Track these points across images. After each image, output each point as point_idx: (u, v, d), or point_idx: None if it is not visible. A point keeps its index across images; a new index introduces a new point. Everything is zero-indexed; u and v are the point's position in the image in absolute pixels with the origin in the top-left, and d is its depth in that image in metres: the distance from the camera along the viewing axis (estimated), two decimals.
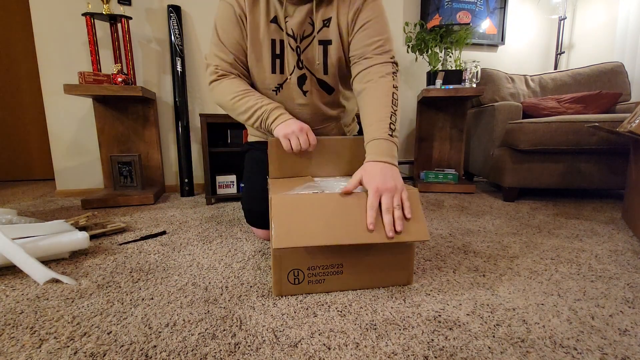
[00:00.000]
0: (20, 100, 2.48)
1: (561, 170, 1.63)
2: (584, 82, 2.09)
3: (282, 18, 0.88)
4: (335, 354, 0.54)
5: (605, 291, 0.75)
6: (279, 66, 0.92)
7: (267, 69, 0.91)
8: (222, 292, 0.75)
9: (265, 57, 0.91)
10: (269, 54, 0.90)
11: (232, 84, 0.91)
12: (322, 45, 0.90)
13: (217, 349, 0.55)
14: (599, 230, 1.20)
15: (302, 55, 0.91)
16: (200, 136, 1.87)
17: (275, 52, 0.90)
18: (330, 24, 0.89)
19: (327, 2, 0.88)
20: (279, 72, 0.92)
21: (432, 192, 1.96)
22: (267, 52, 0.90)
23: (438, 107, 2.15)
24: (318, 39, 0.90)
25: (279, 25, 0.89)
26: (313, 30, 0.90)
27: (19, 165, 2.55)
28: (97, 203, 1.61)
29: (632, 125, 1.13)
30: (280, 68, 0.92)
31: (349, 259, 0.73)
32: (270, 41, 0.89)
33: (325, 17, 0.89)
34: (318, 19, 0.89)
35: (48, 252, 0.90)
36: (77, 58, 1.84)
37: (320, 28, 0.89)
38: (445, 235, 1.15)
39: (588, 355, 0.54)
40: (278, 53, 0.90)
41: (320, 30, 0.89)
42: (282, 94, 0.95)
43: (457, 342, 0.57)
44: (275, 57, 0.91)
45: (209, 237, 1.15)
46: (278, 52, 0.90)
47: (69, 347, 0.56)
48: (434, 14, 2.31)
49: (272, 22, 0.89)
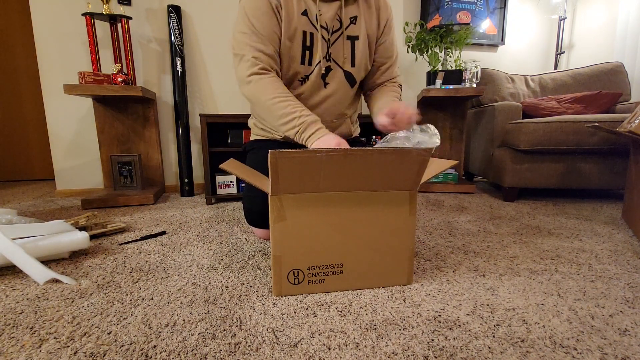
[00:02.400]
0: (20, 100, 2.48)
1: (561, 170, 1.63)
2: (584, 82, 2.09)
3: (315, 11, 0.93)
4: (335, 354, 0.54)
5: (605, 291, 0.75)
6: (308, 57, 0.96)
7: (297, 59, 0.95)
8: (222, 292, 0.75)
9: (296, 47, 0.94)
10: (300, 45, 0.94)
11: (274, 83, 0.88)
12: (350, 40, 0.98)
13: (217, 349, 0.55)
14: (599, 230, 1.20)
15: (331, 48, 0.97)
16: (200, 136, 1.87)
17: (306, 43, 0.94)
18: (357, 22, 0.98)
19: (352, 4, 0.98)
20: (307, 64, 0.96)
21: (432, 192, 1.96)
22: (299, 43, 0.94)
23: (438, 107, 2.15)
24: (346, 35, 0.98)
25: (309, 18, 0.93)
26: (341, 26, 0.97)
27: (19, 165, 2.55)
28: (97, 203, 1.61)
29: (632, 125, 1.13)
30: (310, 60, 0.96)
31: (349, 259, 0.73)
32: (302, 32, 0.93)
33: (352, 15, 0.98)
34: (344, 16, 0.97)
35: (48, 252, 0.90)
36: (77, 58, 1.84)
37: (348, 25, 0.97)
38: (445, 235, 1.15)
39: (588, 355, 0.54)
40: (308, 45, 0.95)
41: (348, 26, 0.98)
42: (307, 85, 0.99)
43: (457, 342, 0.57)
44: (305, 48, 0.95)
45: (209, 237, 1.15)
46: (308, 44, 0.95)
47: (69, 347, 0.56)
48: (434, 14, 2.31)
49: (303, 15, 0.93)
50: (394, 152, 0.66)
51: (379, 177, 0.69)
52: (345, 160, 0.65)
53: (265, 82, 0.88)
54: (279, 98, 0.86)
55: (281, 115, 0.86)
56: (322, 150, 0.63)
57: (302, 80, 0.98)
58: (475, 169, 2.11)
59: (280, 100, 0.86)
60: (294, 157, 0.62)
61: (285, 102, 0.86)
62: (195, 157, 2.06)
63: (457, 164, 2.17)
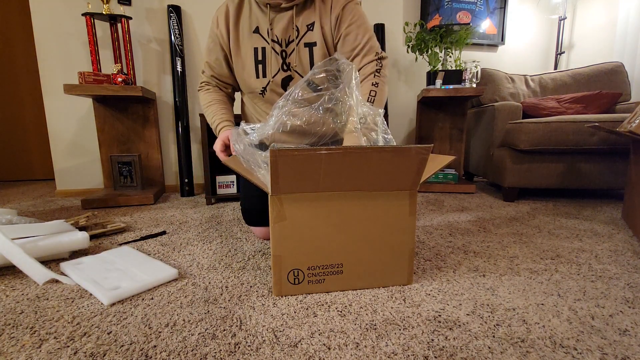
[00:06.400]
0: (20, 100, 2.48)
1: (561, 170, 1.63)
2: (584, 82, 2.09)
3: (265, 27, 0.97)
4: (335, 354, 0.54)
5: (605, 291, 0.75)
6: (262, 71, 0.99)
7: (252, 74, 1.00)
8: (222, 292, 0.75)
9: (248, 65, 0.99)
10: (252, 62, 0.99)
11: (205, 94, 1.07)
12: (308, 47, 0.98)
13: (217, 349, 0.55)
14: (599, 230, 1.20)
15: (287, 58, 0.99)
16: (200, 136, 1.87)
17: (258, 58, 0.99)
18: (314, 28, 0.97)
19: (308, 8, 0.97)
20: (262, 77, 1.00)
21: (432, 192, 1.96)
22: (251, 60, 0.99)
23: (438, 107, 2.15)
24: (304, 42, 0.98)
25: (260, 35, 0.98)
26: (298, 34, 0.97)
27: (19, 165, 2.55)
28: (97, 203, 1.61)
29: (632, 125, 1.13)
30: (263, 72, 0.99)
31: (349, 259, 0.73)
32: (253, 50, 0.98)
33: (309, 22, 0.97)
34: (301, 24, 0.97)
35: (48, 252, 0.90)
36: (77, 58, 1.84)
37: (305, 32, 0.97)
38: (445, 235, 1.15)
39: (588, 355, 0.54)
40: (260, 59, 0.99)
41: (305, 34, 0.97)
42: (268, 96, 1.02)
43: (457, 342, 0.57)
44: (258, 62, 0.99)
45: (209, 237, 1.15)
46: (260, 58, 0.99)
47: (69, 347, 0.56)
48: (434, 14, 2.31)
49: (255, 33, 0.98)
50: (392, 150, 0.66)
51: (378, 176, 0.69)
52: (345, 158, 0.65)
53: (200, 94, 1.09)
54: (205, 106, 1.07)
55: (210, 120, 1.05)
56: (321, 148, 0.63)
57: (262, 92, 1.01)
58: (475, 169, 2.11)
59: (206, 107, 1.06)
60: (294, 155, 0.62)
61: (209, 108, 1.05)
62: (195, 157, 2.06)
63: (457, 164, 2.17)
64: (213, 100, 1.05)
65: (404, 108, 2.41)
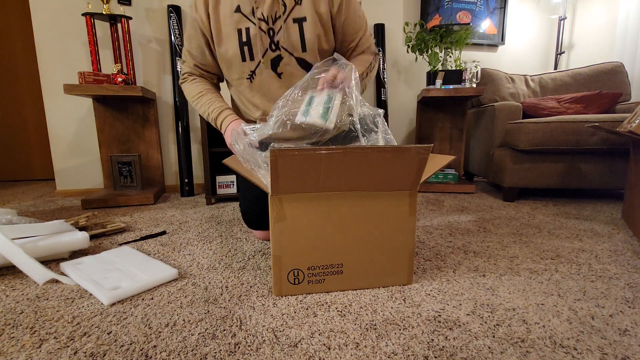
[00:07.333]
0: (20, 100, 2.48)
1: (561, 170, 1.63)
2: (584, 82, 2.09)
3: (249, 5, 0.89)
4: (335, 354, 0.54)
5: (605, 291, 0.75)
6: (248, 53, 0.92)
7: (237, 58, 0.93)
8: (222, 292, 0.75)
9: (232, 48, 0.92)
10: (236, 44, 0.91)
11: (192, 86, 1.00)
12: (297, 23, 0.90)
13: (217, 349, 0.55)
14: (599, 230, 1.20)
15: (275, 36, 0.91)
16: (200, 136, 1.87)
17: (242, 40, 0.91)
18: (302, 2, 0.89)
19: None
20: (249, 59, 0.92)
21: (432, 192, 1.96)
22: (235, 42, 0.91)
23: (438, 107, 2.15)
24: (292, 18, 0.90)
25: (243, 14, 0.90)
26: (285, 9, 0.89)
27: (19, 165, 2.55)
28: (97, 203, 1.61)
29: (632, 125, 1.13)
30: (250, 55, 0.92)
31: (349, 259, 0.73)
32: (236, 31, 0.90)
33: None
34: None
35: (48, 252, 0.90)
36: (77, 58, 1.84)
37: (293, 6, 0.90)
38: (445, 235, 1.15)
39: (588, 355, 0.54)
40: (245, 40, 0.91)
41: (293, 8, 0.90)
42: (257, 80, 0.95)
43: (457, 342, 0.57)
44: (243, 45, 0.91)
45: (209, 237, 1.15)
46: (245, 40, 0.91)
47: (69, 347, 0.56)
48: (434, 14, 2.31)
49: (236, 12, 0.90)
50: (392, 150, 0.66)
51: (378, 176, 0.69)
52: (345, 158, 0.65)
53: (185, 86, 1.03)
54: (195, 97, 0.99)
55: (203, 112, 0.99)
56: (321, 148, 0.63)
57: (250, 77, 0.95)
58: (475, 169, 2.11)
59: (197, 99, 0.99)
60: (294, 155, 0.62)
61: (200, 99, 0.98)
62: (195, 157, 2.06)
63: (457, 164, 2.17)
64: (203, 90, 0.98)
65: (404, 108, 2.41)
